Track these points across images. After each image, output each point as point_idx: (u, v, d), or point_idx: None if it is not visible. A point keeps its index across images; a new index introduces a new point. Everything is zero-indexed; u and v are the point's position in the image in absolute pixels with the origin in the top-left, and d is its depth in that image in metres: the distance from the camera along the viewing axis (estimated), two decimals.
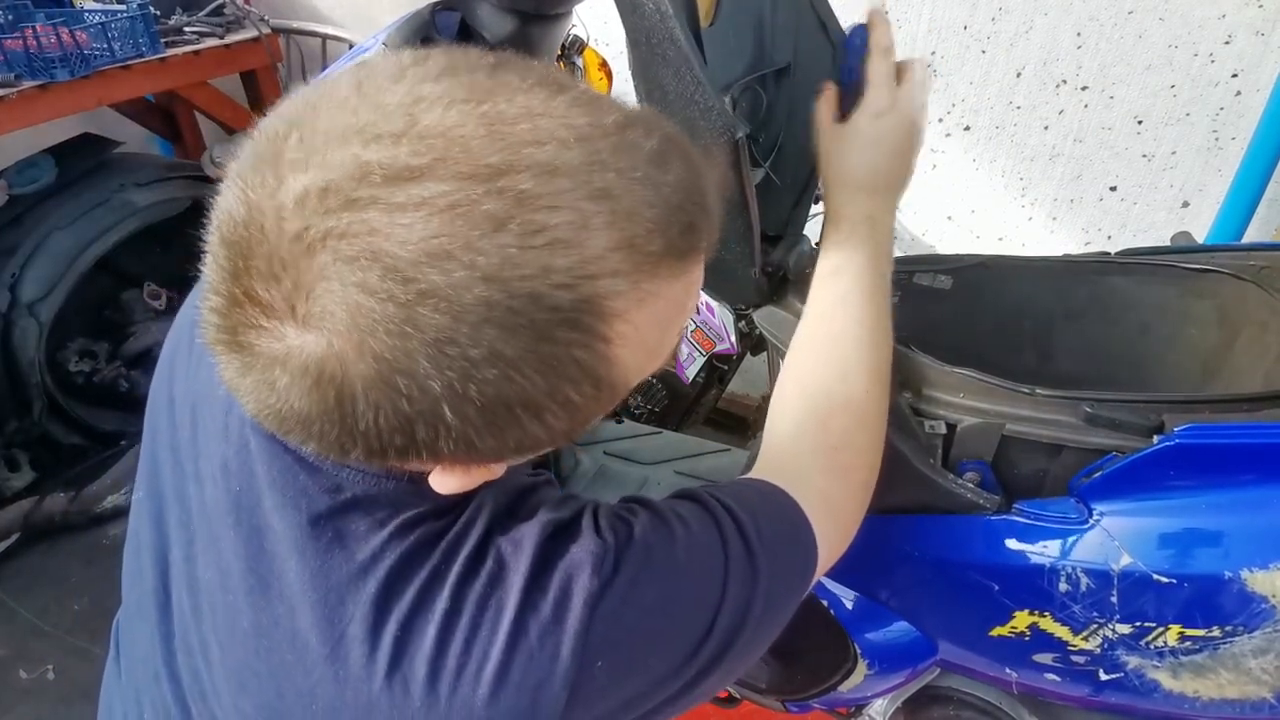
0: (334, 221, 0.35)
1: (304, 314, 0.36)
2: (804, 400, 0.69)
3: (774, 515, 0.58)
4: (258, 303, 0.37)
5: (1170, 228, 1.70)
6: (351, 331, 0.36)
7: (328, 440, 0.40)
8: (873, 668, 0.92)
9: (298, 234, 0.36)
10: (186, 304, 0.64)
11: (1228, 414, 0.69)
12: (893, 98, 0.75)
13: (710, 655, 0.51)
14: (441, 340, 0.36)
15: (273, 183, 0.37)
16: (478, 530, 0.49)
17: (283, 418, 0.40)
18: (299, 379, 0.38)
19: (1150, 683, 0.73)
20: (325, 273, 0.35)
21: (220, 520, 0.52)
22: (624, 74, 1.88)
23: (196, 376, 0.57)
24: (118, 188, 2.11)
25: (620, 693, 0.48)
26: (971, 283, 1.03)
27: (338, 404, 0.38)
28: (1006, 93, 1.73)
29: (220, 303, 0.39)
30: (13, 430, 2.04)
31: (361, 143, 0.36)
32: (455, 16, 1.06)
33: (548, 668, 0.45)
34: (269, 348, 0.38)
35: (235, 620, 0.50)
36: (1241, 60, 1.52)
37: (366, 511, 0.48)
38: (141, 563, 0.60)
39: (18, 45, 1.83)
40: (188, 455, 0.56)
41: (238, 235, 0.37)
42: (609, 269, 0.38)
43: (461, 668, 0.45)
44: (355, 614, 0.46)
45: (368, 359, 0.36)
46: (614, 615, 0.47)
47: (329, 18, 2.53)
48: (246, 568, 0.50)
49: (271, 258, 0.36)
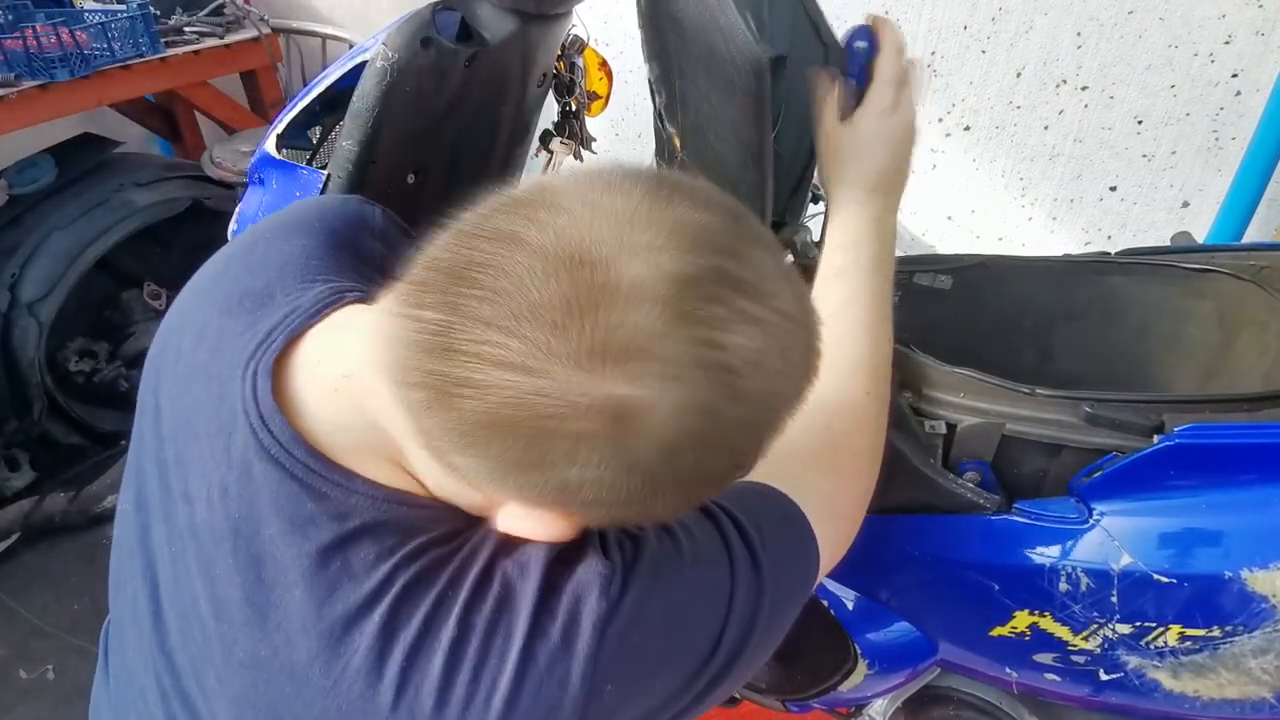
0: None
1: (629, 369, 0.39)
2: (807, 403, 0.69)
3: (776, 520, 0.58)
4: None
5: (1170, 228, 1.70)
6: (677, 397, 0.40)
7: (501, 485, 0.43)
8: (873, 668, 0.92)
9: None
10: (174, 306, 0.63)
11: (1228, 414, 0.69)
12: (899, 97, 0.75)
13: (719, 667, 0.51)
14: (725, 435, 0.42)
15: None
16: (484, 555, 0.48)
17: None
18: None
19: (1150, 683, 0.73)
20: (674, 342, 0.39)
21: (215, 546, 0.51)
22: (624, 74, 1.88)
23: (188, 389, 0.56)
24: (118, 188, 2.11)
25: (631, 711, 0.48)
26: (971, 283, 1.03)
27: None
28: (1006, 93, 1.73)
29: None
30: (13, 430, 2.04)
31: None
32: (455, 16, 1.06)
33: (557, 694, 0.44)
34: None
35: (230, 651, 0.49)
36: (1241, 60, 1.52)
37: (375, 539, 0.48)
38: (128, 576, 0.59)
39: (18, 45, 1.84)
40: (176, 474, 0.55)
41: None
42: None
43: (470, 697, 0.44)
44: (360, 645, 0.45)
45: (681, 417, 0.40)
46: (623, 637, 0.46)
47: (329, 18, 2.53)
48: (244, 598, 0.49)
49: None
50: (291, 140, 1.26)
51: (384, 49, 1.00)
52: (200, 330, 0.58)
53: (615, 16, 2.06)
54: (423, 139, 1.11)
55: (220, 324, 0.57)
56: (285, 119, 1.22)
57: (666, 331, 0.39)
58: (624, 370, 0.39)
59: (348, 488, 0.49)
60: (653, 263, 0.39)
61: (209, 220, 2.19)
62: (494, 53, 1.08)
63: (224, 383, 0.53)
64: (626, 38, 2.10)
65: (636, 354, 0.39)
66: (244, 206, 1.30)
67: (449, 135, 1.15)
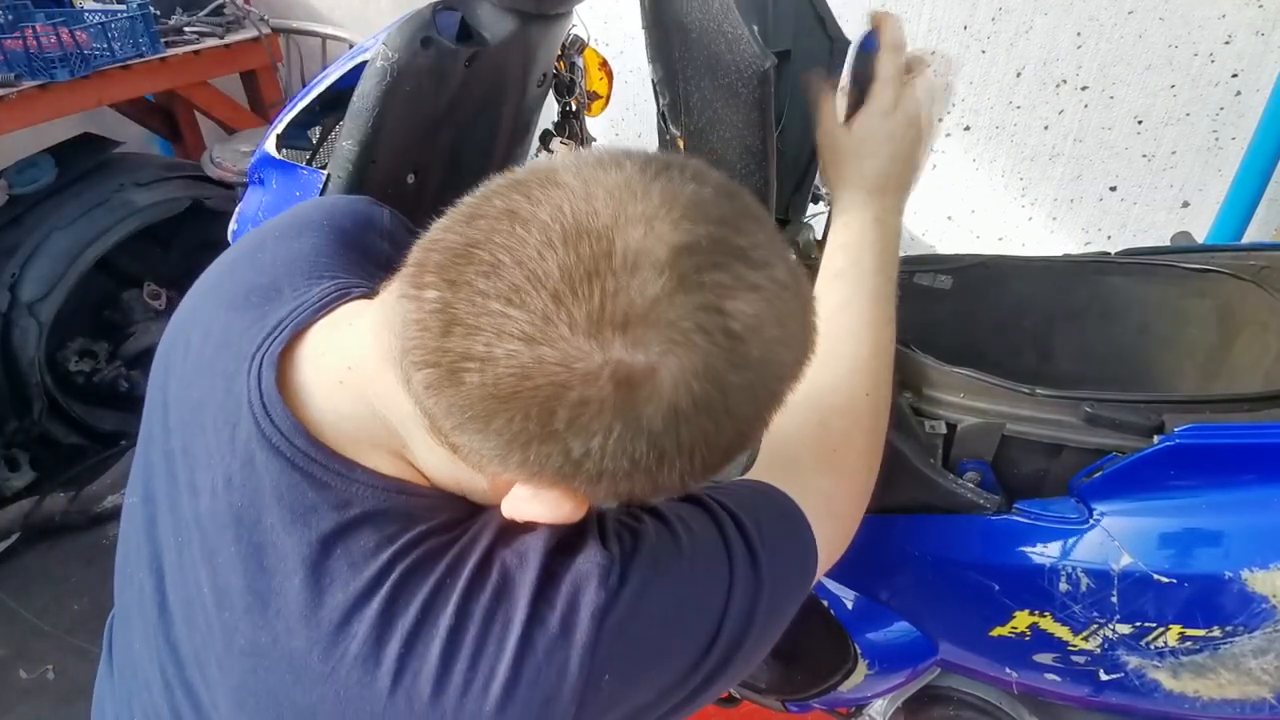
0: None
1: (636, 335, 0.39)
2: (806, 401, 0.69)
3: (775, 517, 0.58)
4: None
5: (1170, 228, 1.70)
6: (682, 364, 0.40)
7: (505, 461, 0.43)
8: (873, 668, 0.92)
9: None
10: (183, 305, 0.63)
11: (1228, 414, 0.69)
12: (898, 96, 0.74)
13: (716, 662, 0.51)
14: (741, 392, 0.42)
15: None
16: (483, 543, 0.49)
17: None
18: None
19: (1150, 683, 0.73)
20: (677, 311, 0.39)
21: (218, 535, 0.51)
22: (624, 74, 1.88)
23: (196, 383, 0.57)
24: (118, 188, 2.11)
25: (628, 702, 0.48)
26: (971, 283, 1.03)
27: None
28: (1006, 93, 1.73)
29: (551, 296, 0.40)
30: (13, 430, 2.04)
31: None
32: (455, 16, 1.06)
33: (555, 683, 0.44)
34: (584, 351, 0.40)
35: (231, 639, 0.49)
36: (1241, 60, 1.52)
37: (376, 527, 0.48)
38: (134, 569, 0.59)
39: (18, 45, 1.84)
40: (182, 464, 0.55)
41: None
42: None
43: (468, 684, 0.44)
44: (358, 632, 0.46)
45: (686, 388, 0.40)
46: (621, 628, 0.46)
47: (329, 18, 2.53)
48: (245, 585, 0.49)
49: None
50: (291, 140, 1.26)
51: (384, 49, 1.00)
52: (208, 326, 0.59)
53: (615, 16, 2.06)
54: (423, 139, 1.11)
55: (227, 319, 0.58)
56: (285, 119, 1.23)
57: (668, 297, 0.39)
58: (627, 336, 0.39)
59: (349, 477, 0.49)
60: (651, 231, 0.40)
61: (209, 220, 2.19)
62: (494, 53, 1.08)
63: (230, 376, 0.54)
64: (626, 38, 2.10)
65: (639, 320, 0.39)
66: (244, 206, 1.30)
67: (449, 135, 1.16)
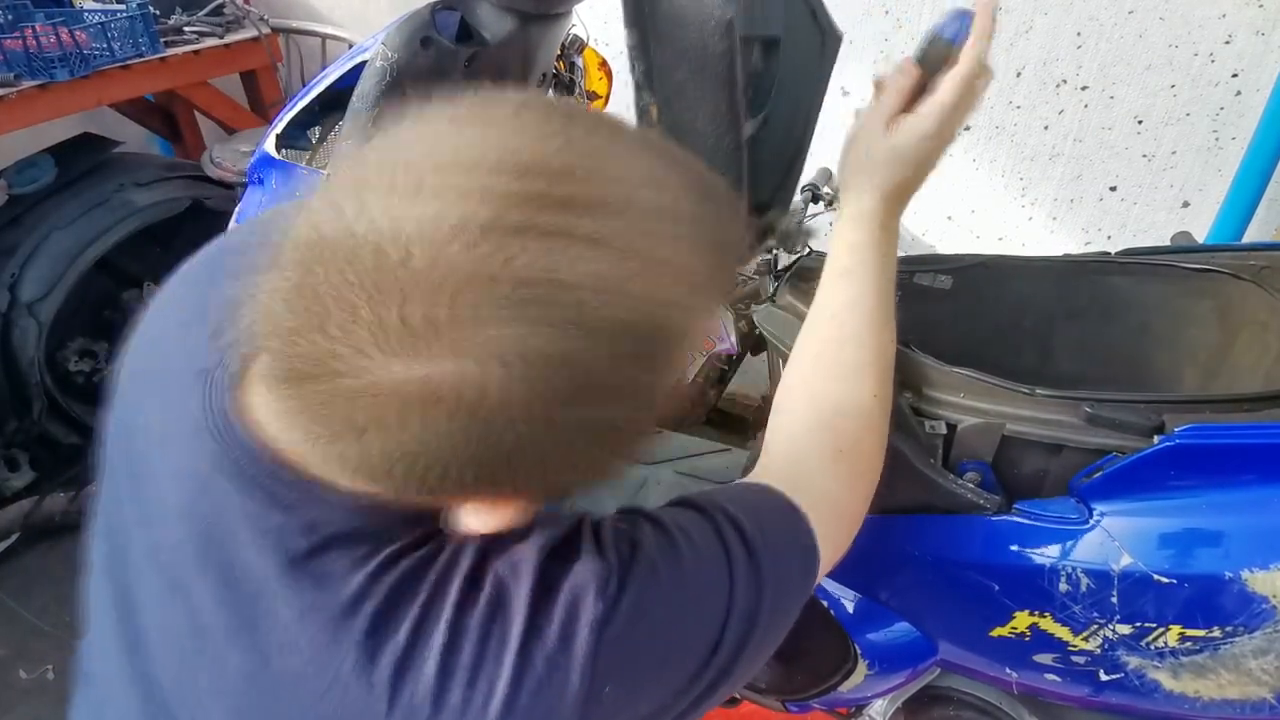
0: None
1: (452, 340, 0.37)
2: (810, 402, 0.69)
3: (775, 519, 0.58)
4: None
5: (1170, 228, 1.70)
6: (503, 357, 0.37)
7: (406, 476, 0.40)
8: (873, 668, 0.92)
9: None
10: (143, 326, 0.60)
11: (1228, 414, 0.69)
12: (954, 123, 0.71)
13: (719, 668, 0.50)
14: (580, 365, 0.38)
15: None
16: (470, 555, 0.47)
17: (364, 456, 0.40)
18: (417, 407, 0.38)
19: (1151, 683, 0.73)
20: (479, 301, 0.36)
21: (184, 567, 0.49)
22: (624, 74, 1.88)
23: (159, 409, 0.54)
24: (118, 188, 2.11)
25: (631, 712, 0.47)
26: (971, 283, 1.03)
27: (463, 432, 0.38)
28: (1006, 93, 1.73)
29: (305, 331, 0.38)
30: (13, 430, 2.04)
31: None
32: (455, 16, 1.06)
33: (556, 698, 0.44)
34: (375, 375, 0.37)
35: (221, 668, 0.48)
36: (1241, 60, 1.52)
37: (345, 549, 0.46)
38: (103, 596, 0.57)
39: (18, 45, 1.84)
40: (150, 493, 0.53)
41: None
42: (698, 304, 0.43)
43: (466, 702, 0.43)
44: (348, 655, 0.44)
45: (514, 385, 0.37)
46: (621, 639, 0.46)
47: (329, 18, 2.53)
48: (228, 612, 0.47)
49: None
50: (291, 140, 1.26)
51: (384, 49, 1.00)
52: (164, 340, 0.57)
53: (615, 16, 2.05)
54: None
55: (181, 335, 0.55)
56: (285, 119, 1.23)
57: (474, 297, 0.36)
58: (433, 349, 0.37)
59: (315, 498, 0.47)
60: (438, 219, 0.36)
61: (209, 220, 2.18)
62: (494, 53, 1.08)
63: (187, 392, 0.51)
64: None
65: (445, 327, 0.36)
66: (244, 206, 1.30)
67: None
